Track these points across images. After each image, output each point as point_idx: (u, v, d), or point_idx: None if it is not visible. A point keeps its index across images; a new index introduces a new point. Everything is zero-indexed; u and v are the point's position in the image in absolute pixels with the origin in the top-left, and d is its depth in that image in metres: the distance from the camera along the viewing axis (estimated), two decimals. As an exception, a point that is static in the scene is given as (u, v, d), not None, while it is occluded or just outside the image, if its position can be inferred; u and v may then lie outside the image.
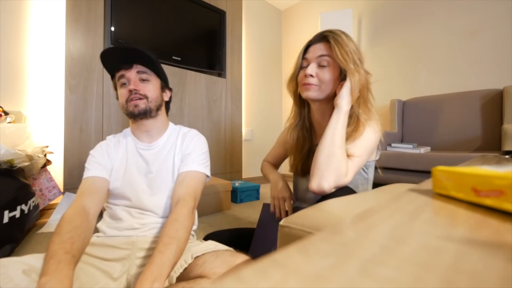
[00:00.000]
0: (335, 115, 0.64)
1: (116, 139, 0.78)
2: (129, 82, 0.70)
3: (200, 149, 0.78)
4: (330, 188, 0.58)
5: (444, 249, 0.12)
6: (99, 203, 0.66)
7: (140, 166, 0.74)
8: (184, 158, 0.75)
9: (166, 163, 0.75)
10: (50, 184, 1.39)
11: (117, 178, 0.72)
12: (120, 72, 0.71)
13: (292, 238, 0.36)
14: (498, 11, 1.74)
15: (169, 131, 0.80)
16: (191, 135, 0.80)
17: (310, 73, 0.67)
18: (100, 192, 0.67)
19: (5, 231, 0.96)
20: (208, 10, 2.08)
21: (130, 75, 0.70)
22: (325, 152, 0.61)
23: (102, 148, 0.75)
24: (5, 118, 1.23)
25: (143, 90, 0.71)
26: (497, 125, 1.58)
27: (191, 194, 0.67)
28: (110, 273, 0.61)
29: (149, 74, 0.72)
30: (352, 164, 0.62)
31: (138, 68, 0.71)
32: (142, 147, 0.76)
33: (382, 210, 0.18)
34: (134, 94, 0.69)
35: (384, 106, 2.26)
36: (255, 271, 0.10)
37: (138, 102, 0.70)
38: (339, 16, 2.28)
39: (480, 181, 0.19)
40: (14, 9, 1.48)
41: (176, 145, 0.77)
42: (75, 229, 0.54)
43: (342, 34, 0.67)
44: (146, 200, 0.71)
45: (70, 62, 1.44)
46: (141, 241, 0.67)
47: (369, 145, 0.66)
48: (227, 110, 2.25)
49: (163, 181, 0.73)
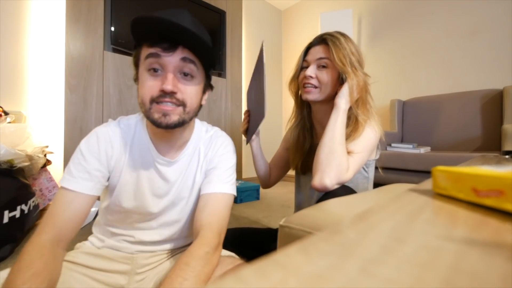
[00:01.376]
0: (334, 114, 0.65)
1: (123, 132, 0.56)
2: (165, 72, 0.48)
3: (227, 162, 0.61)
4: (332, 184, 0.58)
5: (444, 249, 0.12)
6: (77, 227, 0.50)
7: (156, 186, 0.58)
8: (208, 173, 0.60)
9: (186, 181, 0.60)
10: (50, 184, 1.39)
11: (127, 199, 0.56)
12: (154, 49, 0.47)
13: (292, 238, 0.35)
14: (498, 12, 1.74)
15: (195, 136, 0.62)
16: (218, 143, 0.63)
17: (310, 75, 0.69)
18: (80, 214, 0.50)
19: (5, 231, 0.96)
20: (208, 10, 2.08)
21: (170, 62, 0.47)
22: (325, 149, 0.62)
23: (99, 145, 0.53)
24: (5, 118, 1.23)
25: (183, 93, 0.49)
26: (497, 125, 1.58)
27: (215, 228, 0.52)
28: (107, 283, 0.55)
29: (196, 66, 0.50)
30: (353, 160, 0.63)
31: (185, 53, 0.48)
32: (162, 162, 0.57)
33: (382, 210, 0.18)
34: (168, 97, 0.48)
35: (384, 106, 2.26)
36: (255, 271, 0.10)
37: (170, 110, 0.48)
38: (339, 16, 2.28)
39: (480, 181, 0.19)
40: (14, 9, 1.48)
41: (199, 155, 0.61)
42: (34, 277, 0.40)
43: (341, 36, 0.68)
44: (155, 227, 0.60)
45: (70, 62, 1.44)
46: (141, 257, 0.60)
47: (369, 144, 0.67)
48: (227, 110, 2.25)
49: (178, 203, 0.60)
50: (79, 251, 0.59)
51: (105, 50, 1.57)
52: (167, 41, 0.46)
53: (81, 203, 0.50)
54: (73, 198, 0.49)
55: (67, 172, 0.51)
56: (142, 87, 0.49)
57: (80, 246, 0.62)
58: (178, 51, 0.47)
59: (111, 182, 0.56)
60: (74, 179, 0.50)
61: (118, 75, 1.61)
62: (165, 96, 0.47)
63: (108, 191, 0.58)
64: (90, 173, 0.51)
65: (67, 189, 0.49)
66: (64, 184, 0.50)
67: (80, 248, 0.61)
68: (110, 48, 1.59)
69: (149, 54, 0.47)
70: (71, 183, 0.49)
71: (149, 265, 0.60)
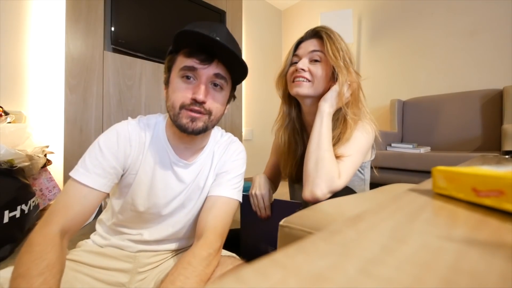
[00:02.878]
0: (317, 118, 0.62)
1: (142, 131, 0.57)
2: (198, 82, 0.51)
3: (239, 169, 0.65)
4: (324, 195, 0.55)
5: (444, 249, 0.12)
6: (84, 221, 0.51)
7: (170, 188, 0.59)
8: (219, 176, 0.63)
9: (198, 183, 0.62)
10: (50, 184, 1.39)
11: (141, 198, 0.57)
12: (191, 61, 0.50)
13: (292, 238, 0.36)
14: (498, 11, 1.74)
15: (211, 142, 0.65)
16: (232, 149, 0.66)
17: (302, 67, 0.64)
18: (89, 209, 0.50)
19: (5, 231, 0.96)
20: (208, 10, 2.08)
21: (204, 74, 0.51)
22: (313, 158, 0.59)
23: (119, 143, 0.54)
24: (5, 118, 1.23)
25: (211, 103, 0.53)
26: (497, 125, 1.58)
27: (219, 231, 0.54)
28: (109, 282, 0.55)
29: (226, 81, 0.55)
30: (344, 164, 0.59)
31: (219, 69, 0.52)
32: (180, 164, 0.59)
33: (382, 210, 0.18)
34: (197, 105, 0.51)
35: (384, 106, 2.26)
36: (255, 271, 0.10)
37: (198, 116, 0.52)
38: (339, 16, 2.28)
39: (480, 181, 0.19)
40: (14, 9, 1.48)
41: (213, 158, 0.63)
42: (48, 269, 0.39)
43: (335, 32, 0.66)
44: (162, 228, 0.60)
45: (70, 62, 1.44)
46: (143, 256, 0.60)
47: (362, 145, 0.64)
48: (227, 110, 2.25)
49: (188, 204, 0.62)
50: (81, 249, 0.59)
51: (105, 50, 1.57)
52: (205, 53, 0.50)
53: (94, 198, 0.50)
54: (86, 193, 0.49)
55: (82, 166, 0.51)
56: (174, 92, 0.52)
57: (82, 245, 0.62)
58: (213, 64, 0.51)
59: (127, 181, 0.56)
60: (90, 174, 0.50)
61: (118, 75, 1.61)
62: (195, 104, 0.51)
63: (122, 191, 0.58)
64: (105, 169, 0.52)
65: (81, 183, 0.49)
66: (78, 178, 0.49)
67: (82, 246, 0.61)
68: (110, 48, 1.59)
69: (187, 67, 0.51)
70: (86, 178, 0.50)
71: (151, 264, 0.60)
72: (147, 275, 0.59)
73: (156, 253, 0.62)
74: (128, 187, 0.57)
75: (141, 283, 0.58)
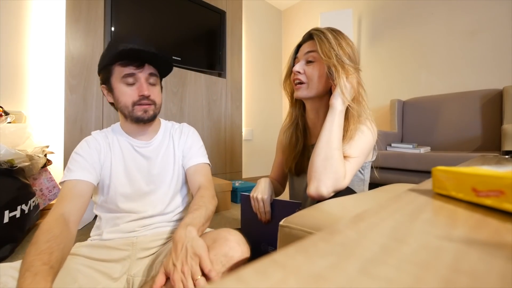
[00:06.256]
0: (329, 115, 0.62)
1: (104, 135, 0.72)
2: (139, 84, 0.65)
3: (198, 142, 0.81)
4: (328, 193, 0.56)
5: (444, 249, 0.12)
6: (81, 210, 0.60)
7: (141, 165, 0.71)
8: (187, 152, 0.77)
9: (167, 158, 0.75)
10: (50, 184, 1.39)
11: (122, 185, 0.68)
12: (129, 70, 0.64)
13: (292, 238, 0.36)
14: (498, 11, 1.74)
15: (163, 127, 0.80)
16: (186, 130, 0.82)
17: (297, 70, 0.68)
18: (82, 197, 0.61)
19: (5, 231, 0.96)
20: (208, 10, 2.08)
21: (141, 77, 0.65)
22: (322, 154, 0.59)
23: (90, 146, 0.68)
24: (5, 118, 1.23)
25: (153, 95, 0.67)
26: (497, 125, 1.58)
27: (210, 182, 0.73)
28: (110, 274, 0.60)
29: (157, 78, 0.70)
30: (350, 165, 0.60)
31: (151, 70, 0.67)
32: (140, 145, 0.73)
33: (382, 210, 0.18)
34: (145, 99, 0.66)
35: (384, 106, 2.26)
36: (255, 271, 0.10)
37: (148, 107, 0.67)
38: (339, 16, 2.28)
39: (480, 181, 0.19)
40: (14, 9, 1.48)
41: (173, 140, 0.78)
42: (53, 238, 0.50)
43: (331, 31, 0.66)
44: (147, 199, 0.70)
45: (70, 62, 1.44)
46: (141, 241, 0.66)
47: (367, 146, 0.65)
48: (227, 110, 2.25)
49: (165, 176, 0.73)
50: (82, 244, 0.65)
51: (105, 50, 1.57)
52: (137, 59, 0.64)
53: (83, 187, 0.62)
54: (75, 184, 0.61)
55: (66, 171, 0.64)
56: (123, 95, 0.65)
57: (83, 243, 0.67)
58: (145, 67, 0.66)
59: (105, 174, 0.68)
60: (73, 172, 0.63)
61: (118, 75, 1.61)
62: (144, 99, 0.66)
63: (104, 187, 0.68)
64: (85, 166, 0.64)
65: (69, 180, 0.62)
66: (65, 178, 0.62)
67: (83, 242, 0.67)
68: (110, 48, 1.60)
69: (127, 74, 0.64)
70: (71, 174, 0.62)
71: (148, 250, 0.66)
72: (145, 262, 0.64)
73: (153, 236, 0.68)
74: (108, 179, 0.68)
75: (140, 269, 0.63)
